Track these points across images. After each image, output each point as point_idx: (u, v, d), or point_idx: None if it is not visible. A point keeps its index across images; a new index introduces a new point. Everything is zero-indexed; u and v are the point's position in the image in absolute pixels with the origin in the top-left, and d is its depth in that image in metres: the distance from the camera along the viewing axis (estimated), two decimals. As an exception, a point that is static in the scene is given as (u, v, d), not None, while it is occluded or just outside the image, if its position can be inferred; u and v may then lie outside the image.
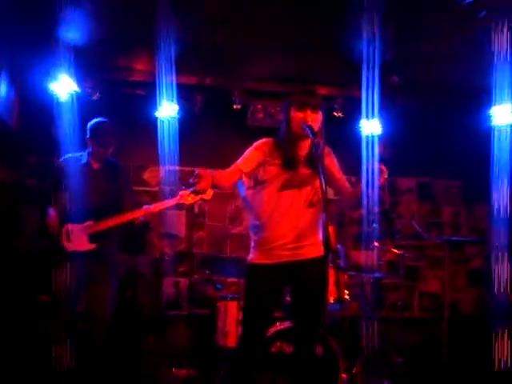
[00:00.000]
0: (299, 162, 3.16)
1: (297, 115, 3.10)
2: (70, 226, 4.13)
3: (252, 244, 3.24)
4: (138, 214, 4.16)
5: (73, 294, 4.06)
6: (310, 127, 2.98)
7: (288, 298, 4.37)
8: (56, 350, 4.01)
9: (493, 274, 5.42)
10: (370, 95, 5.17)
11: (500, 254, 5.49)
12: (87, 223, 4.11)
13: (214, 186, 3.05)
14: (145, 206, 4.15)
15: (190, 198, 4.04)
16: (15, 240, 5.51)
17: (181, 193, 4.11)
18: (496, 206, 5.52)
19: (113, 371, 4.41)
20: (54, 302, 4.13)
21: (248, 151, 3.23)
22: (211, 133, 6.06)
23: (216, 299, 5.05)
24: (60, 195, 4.16)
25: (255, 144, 3.25)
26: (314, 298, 3.10)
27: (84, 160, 4.26)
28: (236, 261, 5.21)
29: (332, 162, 3.30)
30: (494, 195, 5.51)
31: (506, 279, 5.28)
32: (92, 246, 4.11)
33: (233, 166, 3.17)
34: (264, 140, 3.25)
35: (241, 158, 3.20)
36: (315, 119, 3.09)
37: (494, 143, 5.57)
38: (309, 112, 3.08)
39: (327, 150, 3.27)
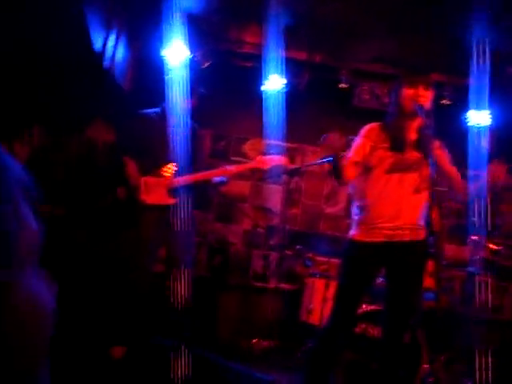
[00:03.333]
0: (408, 145, 3.13)
1: (408, 92, 3.06)
2: (148, 179, 4.13)
3: (354, 223, 3.25)
4: (217, 173, 4.23)
5: (153, 250, 4.15)
6: (422, 107, 2.94)
7: (377, 282, 4.38)
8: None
9: None
10: (480, 85, 5.00)
11: None
12: (166, 177, 4.13)
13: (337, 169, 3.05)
14: (227, 166, 4.23)
15: (267, 163, 4.11)
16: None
17: (258, 158, 4.15)
18: None
19: (194, 336, 4.53)
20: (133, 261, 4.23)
21: (356, 141, 3.22)
22: (315, 110, 6.05)
23: (304, 275, 5.09)
24: (139, 147, 4.20)
25: (362, 132, 3.24)
26: (409, 283, 3.09)
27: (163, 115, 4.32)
28: (328, 239, 5.21)
29: (442, 154, 3.23)
30: None
31: None
32: (172, 201, 4.11)
33: (349, 163, 3.16)
34: (370, 125, 3.24)
35: (351, 150, 3.20)
36: (427, 96, 3.06)
37: None
38: (421, 88, 3.04)
39: (438, 143, 3.21)
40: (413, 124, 3.15)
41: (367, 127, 3.23)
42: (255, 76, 5.60)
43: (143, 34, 5.51)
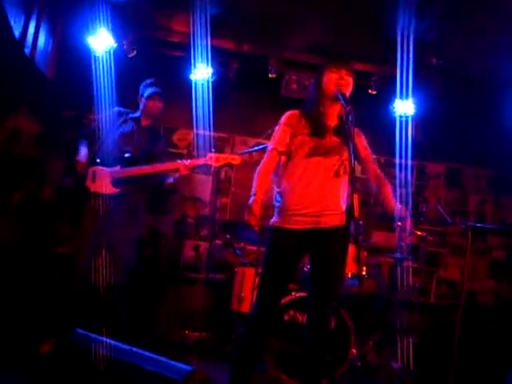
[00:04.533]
0: (328, 131, 3.16)
1: (331, 76, 3.10)
2: (96, 168, 4.22)
3: (276, 209, 3.25)
4: (167, 167, 4.21)
5: (93, 240, 4.12)
6: (344, 94, 2.97)
7: (305, 269, 4.43)
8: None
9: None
10: (405, 75, 5.11)
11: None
12: (115, 168, 4.19)
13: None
14: (178, 161, 4.20)
15: (217, 161, 4.10)
16: (39, 190, 5.63)
17: (209, 154, 4.15)
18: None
19: (126, 327, 4.47)
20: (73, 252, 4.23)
21: (278, 130, 3.23)
22: (244, 100, 6.04)
23: (234, 265, 5.10)
24: (97, 141, 4.30)
25: (282, 119, 3.25)
26: (332, 268, 3.11)
27: (135, 115, 4.42)
28: (261, 227, 5.21)
29: (359, 140, 3.28)
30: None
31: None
32: (114, 190, 4.16)
33: (270, 152, 3.18)
34: (290, 113, 3.26)
35: (274, 140, 3.21)
36: (348, 82, 3.10)
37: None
38: (343, 73, 3.08)
39: (356, 130, 3.24)
40: (333, 110, 3.18)
41: (287, 114, 3.24)
42: (183, 65, 5.55)
43: (66, 21, 5.37)
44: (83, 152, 4.26)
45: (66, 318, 3.98)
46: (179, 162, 4.19)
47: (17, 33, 4.36)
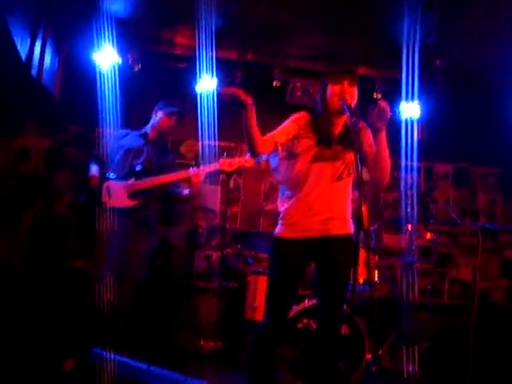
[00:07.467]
0: (333, 140, 3.15)
1: (334, 88, 3.08)
2: (110, 183, 4.28)
3: (280, 216, 3.22)
4: (179, 176, 4.29)
5: (110, 253, 4.16)
6: (349, 105, 2.97)
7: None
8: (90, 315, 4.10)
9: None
10: (410, 78, 5.12)
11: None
12: (129, 181, 4.26)
13: (248, 131, 3.00)
14: (190, 169, 4.28)
15: (230, 165, 4.16)
16: (53, 206, 5.68)
17: (221, 160, 4.21)
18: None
19: (140, 338, 4.50)
20: (89, 267, 4.28)
21: (285, 123, 3.21)
22: (250, 109, 6.04)
23: (246, 273, 5.11)
24: (106, 158, 4.40)
25: (292, 116, 3.22)
26: (339, 277, 3.09)
27: (142, 131, 4.52)
28: (268, 236, 5.21)
29: (367, 138, 3.22)
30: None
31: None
32: (131, 203, 4.23)
33: (268, 136, 3.11)
34: (302, 113, 3.23)
35: (276, 130, 3.17)
36: (352, 93, 3.07)
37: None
38: (346, 84, 3.06)
39: (362, 124, 3.19)
40: (340, 120, 3.18)
41: (299, 114, 3.22)
42: (188, 77, 5.58)
43: (72, 39, 5.42)
44: (95, 168, 4.34)
45: (85, 335, 4.02)
46: (191, 169, 4.26)
47: (23, 55, 4.41)
